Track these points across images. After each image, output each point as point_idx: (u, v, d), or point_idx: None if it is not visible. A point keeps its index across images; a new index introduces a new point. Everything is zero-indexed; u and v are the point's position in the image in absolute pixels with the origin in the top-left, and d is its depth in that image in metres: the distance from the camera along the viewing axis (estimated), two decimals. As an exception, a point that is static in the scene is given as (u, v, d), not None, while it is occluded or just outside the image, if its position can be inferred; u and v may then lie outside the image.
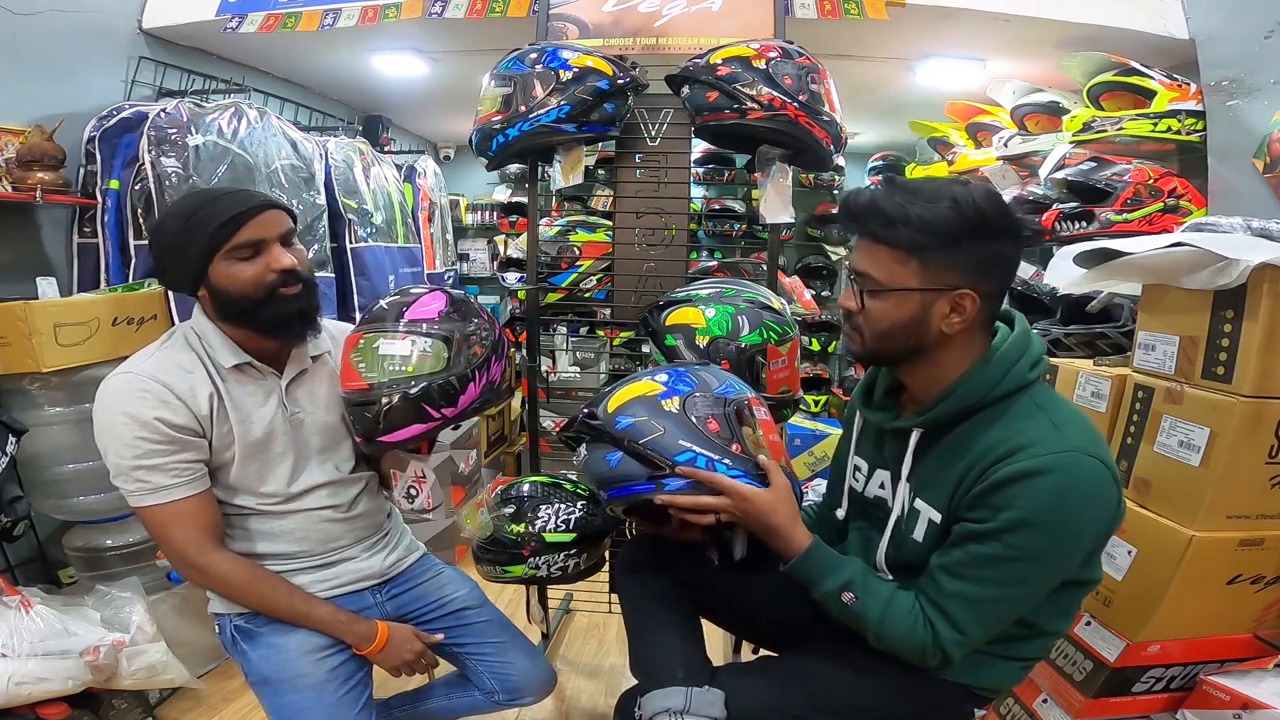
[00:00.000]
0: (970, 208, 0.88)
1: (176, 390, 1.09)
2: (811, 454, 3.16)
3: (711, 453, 1.02)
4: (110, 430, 1.08)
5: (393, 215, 2.93)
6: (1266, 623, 1.36)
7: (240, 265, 1.09)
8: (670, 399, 1.07)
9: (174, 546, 1.11)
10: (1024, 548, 0.87)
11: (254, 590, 1.16)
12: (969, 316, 0.92)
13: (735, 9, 1.89)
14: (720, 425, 1.05)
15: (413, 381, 1.15)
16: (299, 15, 2.18)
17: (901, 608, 0.95)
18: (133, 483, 1.08)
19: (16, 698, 1.35)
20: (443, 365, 1.16)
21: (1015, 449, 0.87)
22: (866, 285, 0.95)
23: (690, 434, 1.03)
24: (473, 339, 1.20)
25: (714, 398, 1.08)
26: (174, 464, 1.09)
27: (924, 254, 0.90)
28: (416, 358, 1.16)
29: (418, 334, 1.17)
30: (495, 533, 1.46)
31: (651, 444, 1.03)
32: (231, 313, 1.13)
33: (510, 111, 1.62)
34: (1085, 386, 1.54)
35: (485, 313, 1.28)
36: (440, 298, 1.23)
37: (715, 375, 1.14)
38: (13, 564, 1.79)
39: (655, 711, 1.00)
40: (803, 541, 1.01)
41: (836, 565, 1.00)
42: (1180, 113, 1.91)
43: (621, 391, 1.11)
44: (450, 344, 1.17)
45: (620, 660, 2.06)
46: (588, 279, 1.95)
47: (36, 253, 1.94)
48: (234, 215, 1.08)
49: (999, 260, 0.92)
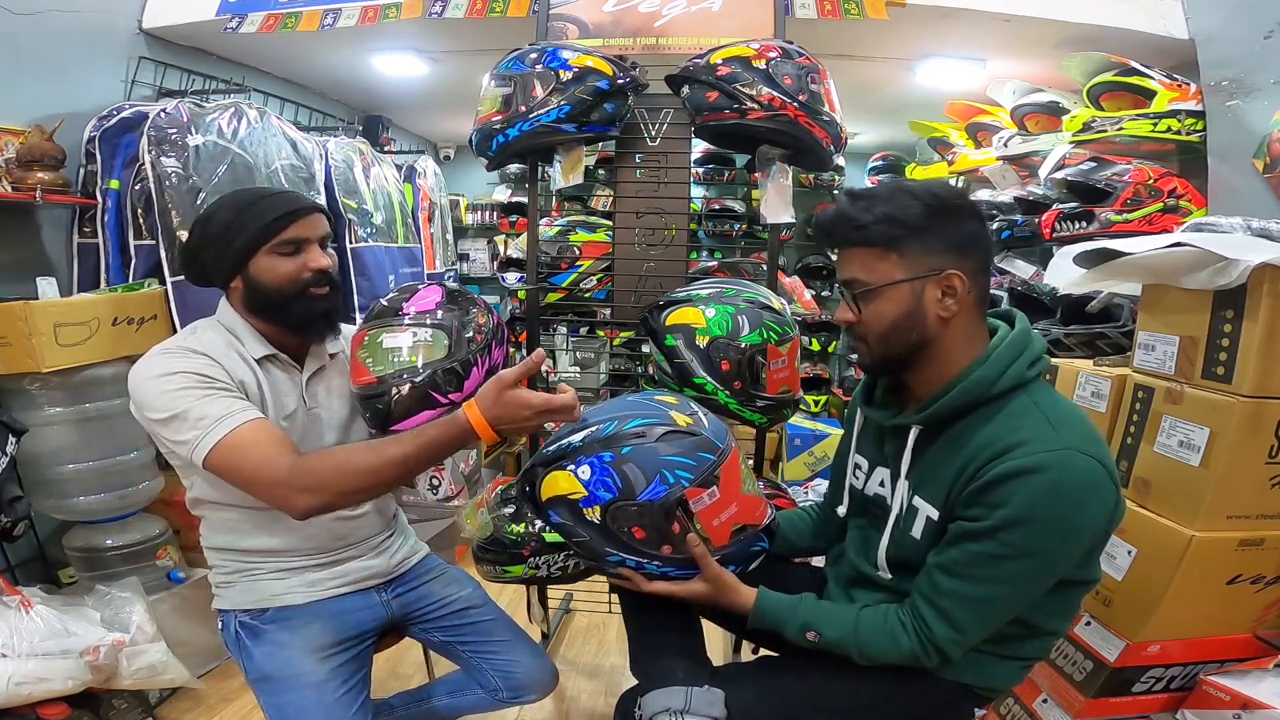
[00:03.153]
0: (926, 195, 0.93)
1: (219, 359, 1.12)
2: (811, 454, 3.17)
3: (638, 556, 1.04)
4: (155, 390, 1.05)
5: (393, 215, 2.93)
6: (1266, 623, 1.36)
7: (282, 260, 1.15)
8: (590, 508, 1.02)
9: (263, 476, 1.03)
10: (1019, 546, 0.87)
11: (351, 470, 1.04)
12: (961, 297, 0.94)
13: (735, 9, 1.89)
14: (646, 533, 1.02)
15: (419, 370, 1.17)
16: (299, 15, 2.18)
17: (870, 626, 0.97)
18: (196, 426, 1.03)
19: (16, 698, 1.35)
20: (445, 353, 1.18)
21: (1011, 446, 0.88)
22: (857, 290, 0.97)
23: (614, 542, 1.04)
24: (471, 326, 1.23)
25: (637, 506, 1.00)
26: (226, 397, 1.08)
27: (900, 244, 0.93)
28: (420, 348, 1.19)
29: (419, 325, 1.20)
30: (495, 533, 1.46)
31: (581, 545, 1.06)
32: (262, 305, 1.16)
33: (510, 111, 1.62)
34: (1085, 386, 1.54)
35: (482, 302, 1.31)
36: (437, 290, 1.26)
37: (646, 463, 1.00)
38: (13, 564, 1.79)
39: (655, 711, 1.00)
40: (747, 601, 1.06)
41: (789, 612, 1.04)
42: (1180, 113, 1.91)
43: (547, 479, 1.06)
44: (450, 332, 1.20)
45: (620, 660, 2.06)
46: (588, 279, 1.95)
47: (36, 253, 1.94)
48: (288, 212, 1.14)
49: (972, 238, 0.95)
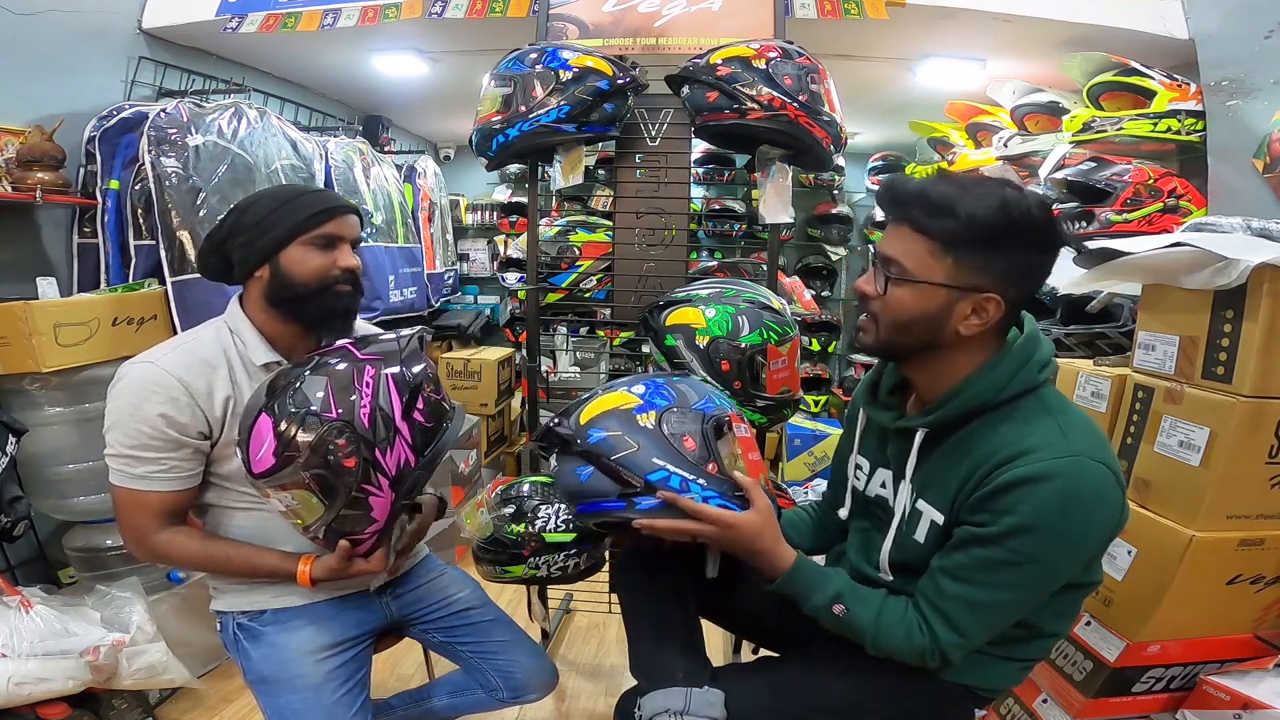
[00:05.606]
0: (1021, 214, 0.85)
1: (192, 388, 1.10)
2: (811, 454, 3.17)
3: (686, 472, 0.98)
4: (116, 412, 1.10)
5: (393, 215, 2.93)
6: (1266, 623, 1.36)
7: (314, 253, 1.15)
8: (646, 413, 1.02)
9: (130, 526, 1.13)
10: (1026, 553, 0.86)
11: (202, 558, 1.15)
12: (989, 321, 0.90)
13: (735, 9, 1.89)
14: (697, 443, 1.00)
15: (311, 530, 1.06)
16: (299, 15, 2.18)
17: (894, 615, 0.95)
18: (118, 462, 1.10)
19: (17, 698, 1.35)
20: (322, 509, 1.02)
21: (1020, 453, 0.86)
22: (893, 271, 0.91)
23: (665, 452, 0.99)
24: (333, 452, 0.98)
25: (692, 413, 1.03)
26: (163, 459, 1.10)
27: (960, 251, 0.87)
28: (297, 512, 1.04)
29: (275, 488, 1.02)
30: (495, 533, 1.46)
31: (624, 461, 0.99)
32: (283, 298, 1.15)
33: (510, 111, 1.62)
34: (1085, 386, 1.54)
35: (327, 396, 0.99)
36: (264, 434, 0.99)
37: (694, 388, 1.09)
38: (13, 564, 1.79)
39: (655, 712, 1.00)
40: (788, 559, 1.00)
41: (823, 579, 1.00)
42: (1180, 113, 1.91)
43: (595, 402, 1.06)
44: (311, 487, 1.00)
45: (620, 660, 2.06)
46: (588, 279, 1.95)
47: (36, 253, 1.94)
48: (329, 207, 1.16)
49: (1032, 270, 0.89)
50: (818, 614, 1.00)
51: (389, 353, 1.05)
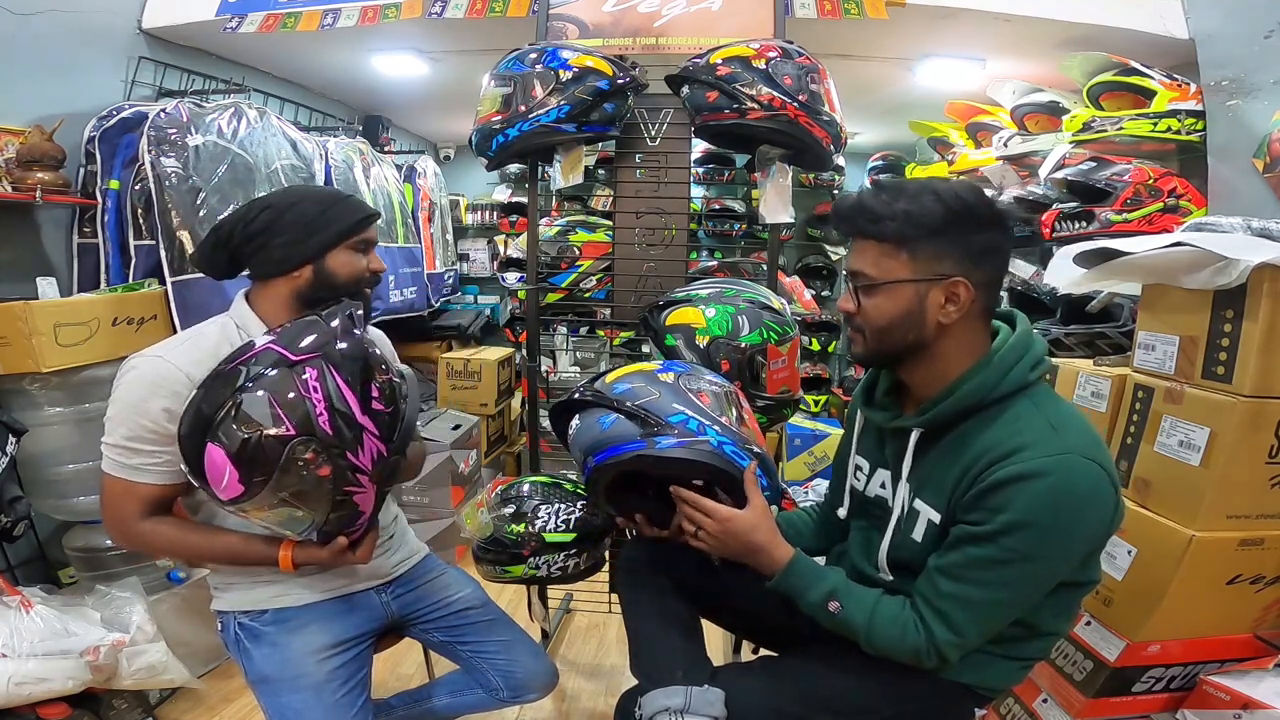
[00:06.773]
0: (953, 198, 0.91)
1: (198, 382, 1.10)
2: (811, 454, 3.17)
3: (703, 418, 1.09)
4: (120, 403, 1.10)
5: (393, 215, 2.93)
6: (1266, 623, 1.36)
7: (357, 256, 1.21)
8: (666, 373, 1.16)
9: (114, 512, 1.13)
10: (1020, 550, 0.87)
11: (182, 546, 1.16)
12: (964, 306, 0.93)
13: (735, 9, 1.89)
14: (712, 400, 1.13)
15: (305, 530, 1.05)
16: (299, 15, 2.18)
17: (888, 613, 0.96)
18: (114, 451, 1.10)
19: (17, 698, 1.35)
20: (309, 518, 1.02)
21: (1012, 451, 0.87)
22: (861, 282, 0.97)
23: (684, 400, 1.11)
24: (302, 473, 0.95)
25: (708, 379, 1.18)
26: (160, 453, 1.10)
27: (912, 245, 0.92)
28: (286, 524, 1.03)
29: (253, 509, 0.99)
30: (495, 533, 1.46)
31: (646, 404, 1.10)
32: (319, 297, 1.17)
33: (510, 111, 1.62)
34: (1085, 386, 1.54)
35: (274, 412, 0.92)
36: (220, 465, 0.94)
37: (705, 370, 1.24)
38: (13, 564, 1.79)
39: (655, 711, 1.00)
40: (784, 555, 1.03)
41: (819, 576, 1.02)
42: (1180, 113, 1.91)
43: (619, 370, 1.20)
44: (291, 503, 0.98)
45: (620, 660, 2.06)
46: (588, 279, 1.96)
47: (36, 253, 1.94)
48: (369, 215, 1.22)
49: (987, 249, 0.94)
50: (814, 611, 1.01)
51: (322, 343, 0.97)
